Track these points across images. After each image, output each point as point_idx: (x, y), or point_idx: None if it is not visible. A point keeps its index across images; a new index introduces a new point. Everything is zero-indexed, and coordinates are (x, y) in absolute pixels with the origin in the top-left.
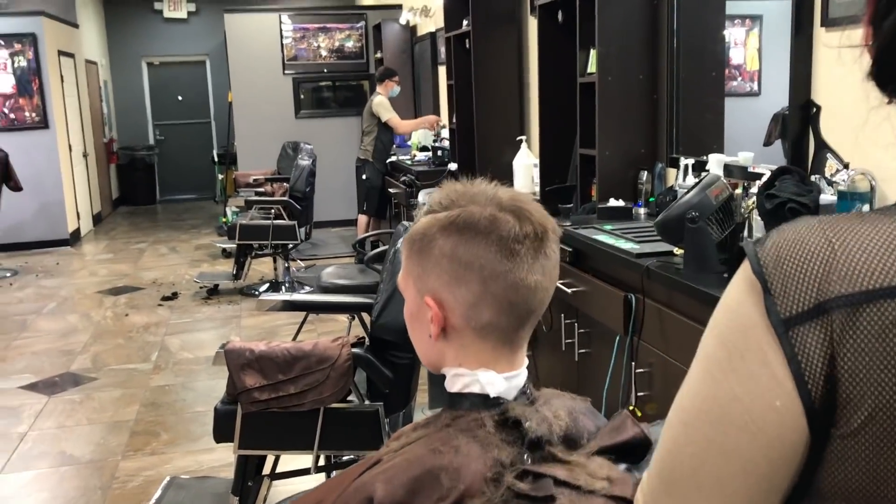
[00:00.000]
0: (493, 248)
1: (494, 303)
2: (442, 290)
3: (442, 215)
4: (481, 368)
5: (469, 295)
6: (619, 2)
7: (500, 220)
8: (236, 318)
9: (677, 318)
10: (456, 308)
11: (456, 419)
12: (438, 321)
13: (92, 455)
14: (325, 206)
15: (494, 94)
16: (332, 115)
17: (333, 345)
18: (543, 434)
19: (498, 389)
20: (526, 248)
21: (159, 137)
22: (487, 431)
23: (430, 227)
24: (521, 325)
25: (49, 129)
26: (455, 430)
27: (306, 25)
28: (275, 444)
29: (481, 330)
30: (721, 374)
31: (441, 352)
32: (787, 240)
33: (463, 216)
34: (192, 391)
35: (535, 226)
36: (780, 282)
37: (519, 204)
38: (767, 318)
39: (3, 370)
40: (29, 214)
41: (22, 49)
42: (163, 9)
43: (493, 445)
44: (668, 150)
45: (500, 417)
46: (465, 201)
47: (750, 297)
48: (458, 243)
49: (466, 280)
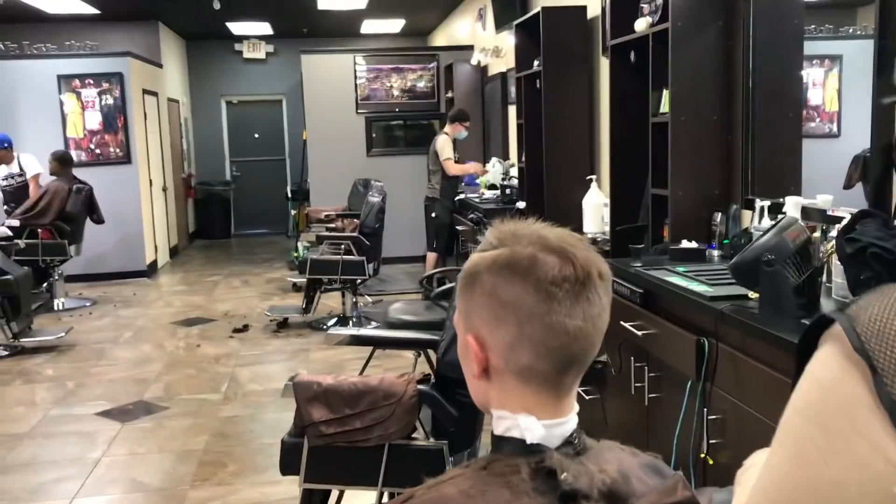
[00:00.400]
0: (529, 289)
1: (531, 346)
2: (483, 329)
3: (488, 254)
4: (523, 413)
5: (507, 336)
6: (692, 42)
7: (539, 261)
8: (305, 351)
9: (752, 363)
10: (496, 348)
11: (492, 462)
12: (480, 361)
13: (161, 483)
14: (393, 243)
15: (564, 133)
16: (403, 154)
17: (399, 381)
18: (582, 488)
19: (536, 436)
20: (564, 292)
21: (236, 173)
22: (521, 478)
23: (476, 266)
24: (564, 371)
25: (131, 164)
26: (489, 473)
27: (380, 66)
28: (340, 479)
29: (521, 373)
30: (820, 459)
31: (486, 392)
32: (887, 311)
33: (504, 255)
34: (260, 423)
35: (578, 269)
36: (887, 359)
37: (564, 245)
38: (877, 399)
39: (80, 396)
40: (110, 246)
41: (109, 88)
42: (242, 49)
43: (524, 493)
44: (743, 192)
45: (536, 465)
46: (512, 241)
47: (850, 376)
48: (497, 283)
49: (504, 321)
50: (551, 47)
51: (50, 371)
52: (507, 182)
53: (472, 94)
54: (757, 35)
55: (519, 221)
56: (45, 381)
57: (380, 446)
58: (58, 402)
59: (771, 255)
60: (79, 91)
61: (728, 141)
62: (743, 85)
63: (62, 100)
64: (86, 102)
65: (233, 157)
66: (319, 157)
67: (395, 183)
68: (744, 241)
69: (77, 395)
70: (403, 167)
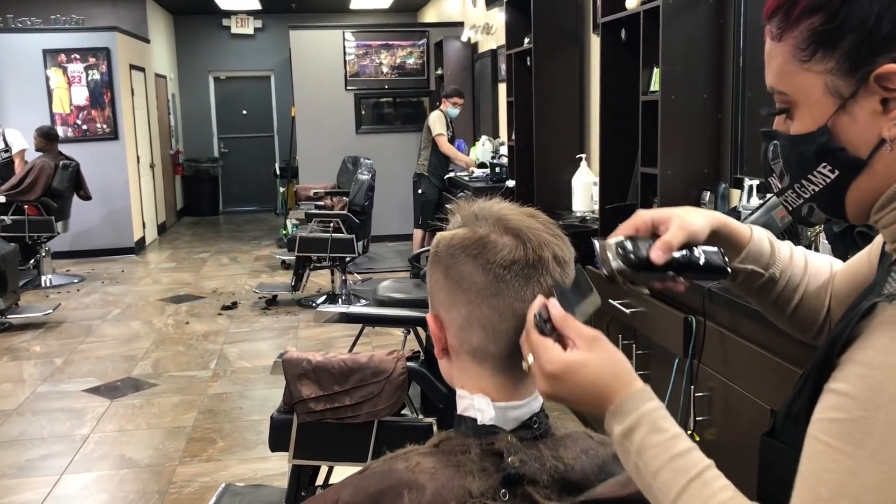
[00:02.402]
0: (479, 270)
1: (481, 328)
2: (441, 308)
3: (447, 233)
4: (479, 393)
5: (458, 317)
6: (684, 20)
7: (491, 243)
8: (293, 328)
9: (739, 341)
10: (451, 329)
11: (444, 441)
12: (438, 340)
13: (150, 459)
14: (382, 221)
15: (554, 111)
16: (392, 131)
17: (389, 358)
18: (529, 472)
19: (486, 417)
20: (513, 274)
21: (224, 150)
22: (470, 458)
23: (437, 246)
24: (518, 355)
25: (119, 140)
26: (440, 451)
27: (369, 42)
28: (329, 455)
29: (475, 354)
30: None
31: (448, 371)
32: None
33: (459, 235)
34: (248, 400)
35: (529, 252)
36: None
37: (522, 227)
38: None
39: (68, 373)
40: (97, 223)
41: (96, 63)
42: (230, 25)
43: (470, 473)
44: (731, 171)
45: (486, 447)
46: (472, 221)
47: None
48: (451, 263)
49: (457, 301)
50: (542, 24)
51: (38, 348)
52: (496, 160)
53: (462, 72)
54: (748, 13)
55: (486, 201)
56: (33, 357)
57: (369, 423)
58: (46, 378)
59: None
60: (65, 66)
61: (718, 120)
62: (734, 63)
63: (48, 74)
64: (72, 77)
65: (221, 133)
66: (308, 134)
67: (384, 161)
68: None
69: (65, 371)
70: (393, 145)
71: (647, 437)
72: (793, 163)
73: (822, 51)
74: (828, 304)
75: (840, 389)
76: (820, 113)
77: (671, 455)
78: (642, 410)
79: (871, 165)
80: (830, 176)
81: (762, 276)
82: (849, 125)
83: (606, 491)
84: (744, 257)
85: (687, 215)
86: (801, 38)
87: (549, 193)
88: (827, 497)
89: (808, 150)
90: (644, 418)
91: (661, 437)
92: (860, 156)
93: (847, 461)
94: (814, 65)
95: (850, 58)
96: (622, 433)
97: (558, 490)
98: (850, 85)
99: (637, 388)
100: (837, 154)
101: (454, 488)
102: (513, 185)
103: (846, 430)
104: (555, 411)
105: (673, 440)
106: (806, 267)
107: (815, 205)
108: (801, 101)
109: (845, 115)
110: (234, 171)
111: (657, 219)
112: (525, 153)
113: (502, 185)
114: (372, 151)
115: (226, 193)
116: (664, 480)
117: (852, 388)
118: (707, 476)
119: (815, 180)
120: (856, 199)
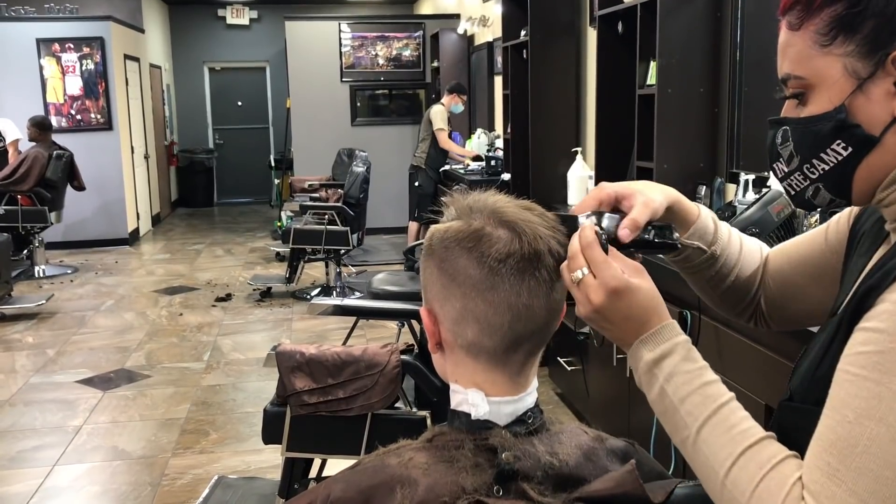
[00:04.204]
0: (474, 263)
1: (475, 322)
2: (435, 302)
3: (441, 226)
4: (473, 388)
5: (453, 311)
6: (681, 13)
7: (486, 236)
8: (287, 320)
9: (734, 336)
10: (445, 323)
11: (438, 436)
12: (432, 335)
13: (143, 451)
14: (377, 213)
15: (551, 104)
16: (388, 124)
17: (383, 351)
18: (523, 468)
19: (481, 412)
20: (508, 268)
21: (218, 141)
22: (464, 454)
23: (430, 239)
24: (513, 349)
25: (113, 130)
26: (433, 446)
27: (365, 34)
28: (322, 448)
29: (469, 348)
30: None
31: (442, 365)
32: None
33: (454, 228)
34: (242, 392)
35: (525, 245)
36: None
37: (517, 220)
38: None
39: (61, 364)
40: (90, 213)
41: (90, 52)
42: (226, 15)
43: (463, 469)
44: (727, 165)
45: (480, 442)
46: (466, 214)
47: None
48: (445, 257)
49: (451, 295)
50: (539, 17)
51: (30, 338)
52: (492, 153)
53: (458, 64)
54: (745, 7)
55: (481, 193)
56: (26, 348)
57: (362, 416)
58: (38, 369)
59: (755, 228)
60: (59, 55)
61: (714, 114)
62: (730, 57)
63: (42, 64)
64: (66, 67)
65: (216, 124)
66: (303, 126)
67: (379, 153)
68: (728, 214)
69: (58, 362)
70: (388, 137)
71: (680, 364)
72: (807, 143)
73: (844, 35)
74: (758, 285)
75: (871, 326)
76: (837, 93)
77: (702, 382)
78: (677, 340)
79: (882, 143)
80: (843, 154)
81: (704, 253)
82: (864, 104)
83: (601, 487)
84: (690, 234)
85: (649, 192)
86: (822, 25)
87: (545, 187)
88: (852, 419)
89: (824, 127)
90: (678, 347)
91: (693, 365)
92: (873, 133)
93: (875, 387)
94: (834, 48)
95: (870, 41)
96: (653, 359)
97: (553, 486)
98: (869, 66)
99: (672, 321)
100: (854, 131)
101: (447, 484)
102: (508, 178)
103: (875, 360)
104: (549, 405)
105: (704, 370)
106: (741, 249)
107: (823, 185)
108: (818, 84)
109: (861, 95)
110: (228, 162)
111: (621, 193)
112: (521, 146)
113: (498, 178)
114: (367, 144)
115: (220, 185)
116: (694, 403)
117: (883, 324)
118: (734, 405)
119: (828, 158)
120: (864, 178)
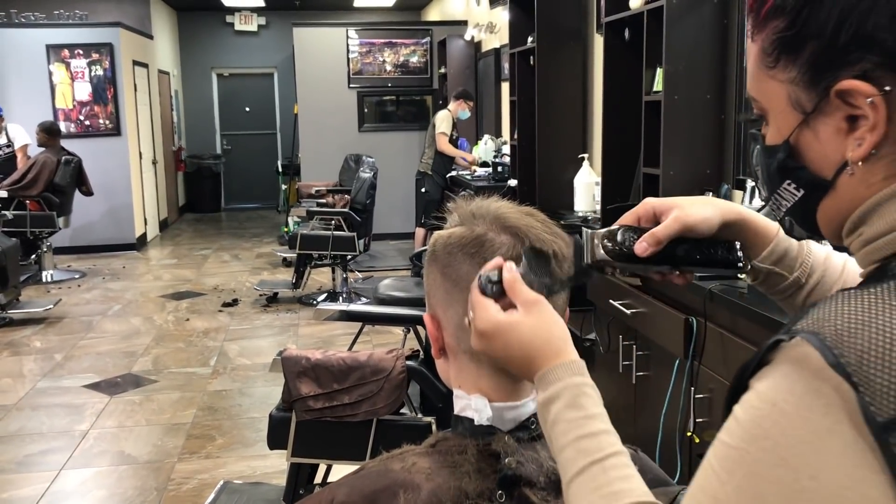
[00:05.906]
0: (476, 269)
1: None
2: (438, 308)
3: (444, 232)
4: (476, 393)
5: (456, 316)
6: (687, 20)
7: (489, 241)
8: (294, 326)
9: (739, 343)
10: (448, 328)
11: (441, 441)
12: (436, 340)
13: (149, 456)
14: (384, 219)
15: (557, 110)
16: (395, 130)
17: (388, 356)
18: (526, 474)
19: (484, 418)
20: None
21: (226, 147)
22: (467, 459)
23: (433, 245)
24: None
25: (121, 136)
26: (437, 452)
27: (372, 40)
28: (327, 454)
29: (472, 354)
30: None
31: (446, 371)
32: (859, 325)
33: (457, 234)
34: (248, 397)
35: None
36: (867, 378)
37: (520, 225)
38: (858, 421)
39: (68, 368)
40: (98, 218)
41: (99, 58)
42: (234, 22)
43: (466, 474)
44: (734, 172)
45: (483, 447)
46: (469, 219)
47: (819, 400)
48: (448, 262)
49: (455, 300)
50: (546, 23)
51: (38, 343)
52: (499, 159)
53: (465, 71)
54: None
55: (484, 199)
56: (33, 353)
57: (368, 421)
58: (46, 374)
59: None
60: (68, 61)
61: (721, 120)
62: (737, 64)
63: (51, 70)
64: (75, 73)
65: (223, 130)
66: (311, 132)
67: (386, 159)
68: None
69: (65, 367)
70: (395, 143)
71: (563, 412)
72: (765, 174)
73: (785, 58)
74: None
75: (736, 414)
76: (784, 125)
77: (579, 434)
78: (566, 383)
79: (835, 187)
80: (797, 194)
81: (786, 279)
82: (812, 142)
83: None
84: (766, 255)
85: (690, 206)
86: (766, 42)
87: (552, 193)
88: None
89: (773, 163)
90: (565, 391)
91: (575, 413)
92: (824, 176)
93: (717, 486)
94: (778, 73)
95: (812, 69)
96: (542, 402)
97: (555, 491)
98: (812, 99)
99: (568, 360)
100: (799, 173)
101: (450, 489)
102: (515, 185)
103: (725, 454)
104: None
105: (586, 420)
106: (843, 271)
107: (793, 220)
108: (769, 110)
109: (808, 131)
110: (236, 168)
111: (659, 208)
112: (527, 152)
113: (504, 184)
114: (374, 149)
115: (228, 190)
116: (567, 458)
117: (744, 415)
118: (609, 463)
119: (786, 196)
120: (825, 222)
